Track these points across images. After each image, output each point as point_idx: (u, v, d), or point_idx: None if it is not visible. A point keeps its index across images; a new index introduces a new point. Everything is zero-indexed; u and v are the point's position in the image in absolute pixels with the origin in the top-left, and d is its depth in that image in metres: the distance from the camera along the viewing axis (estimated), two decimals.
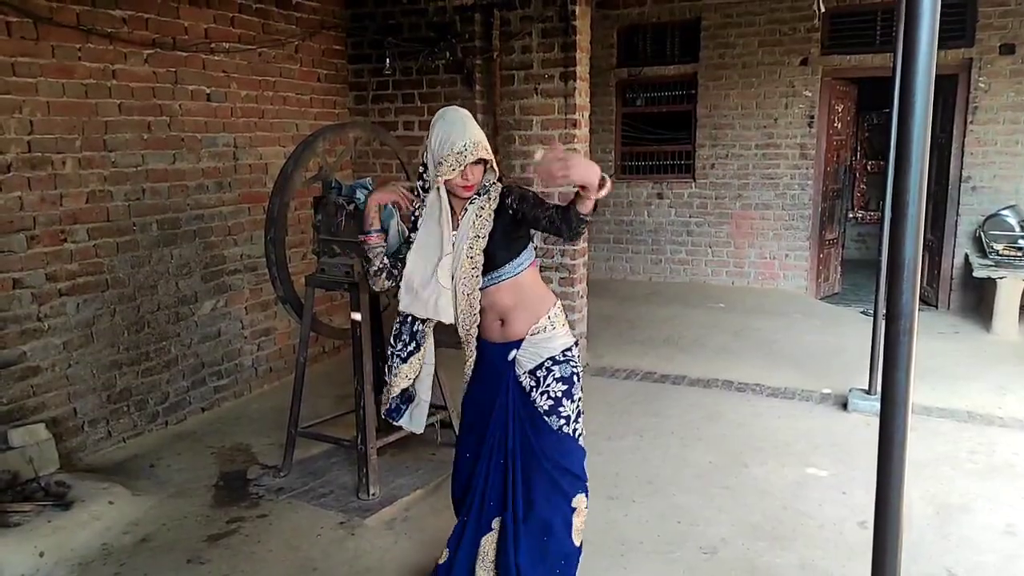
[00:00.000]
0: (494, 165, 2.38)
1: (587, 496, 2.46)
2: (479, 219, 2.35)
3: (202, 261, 4.67)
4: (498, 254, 2.37)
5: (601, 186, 2.02)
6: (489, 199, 2.37)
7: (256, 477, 3.85)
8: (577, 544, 2.46)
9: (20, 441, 3.55)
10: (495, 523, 2.48)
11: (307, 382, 3.91)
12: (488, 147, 2.33)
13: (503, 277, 2.38)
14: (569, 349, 2.45)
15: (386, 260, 2.54)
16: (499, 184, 2.42)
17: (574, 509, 2.43)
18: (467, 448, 2.56)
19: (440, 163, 2.28)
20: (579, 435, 2.46)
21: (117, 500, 3.43)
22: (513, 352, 2.41)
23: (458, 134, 2.27)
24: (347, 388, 4.51)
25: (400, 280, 2.47)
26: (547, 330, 2.42)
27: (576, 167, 1.96)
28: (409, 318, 2.53)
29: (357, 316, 3.58)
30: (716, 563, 3.04)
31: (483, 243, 2.34)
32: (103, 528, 3.26)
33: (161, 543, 3.23)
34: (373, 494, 3.56)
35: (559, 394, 2.40)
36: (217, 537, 3.28)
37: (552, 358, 2.41)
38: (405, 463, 3.93)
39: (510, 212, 2.34)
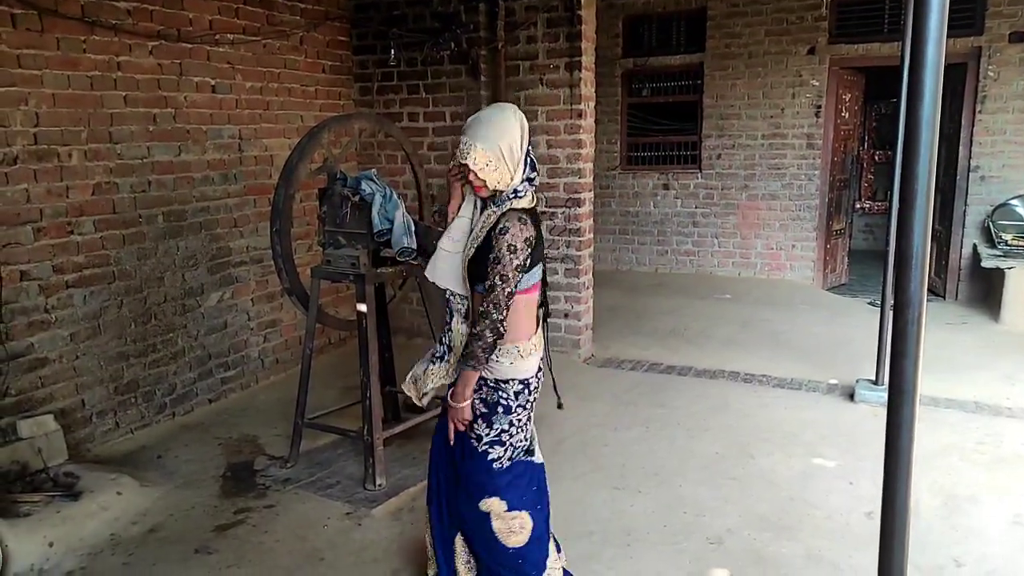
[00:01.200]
0: (491, 186, 2.30)
1: (502, 501, 2.44)
2: (480, 230, 2.34)
3: (208, 253, 4.68)
4: (478, 270, 2.33)
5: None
6: (495, 214, 2.32)
7: (263, 468, 3.86)
8: (510, 545, 2.46)
9: (29, 432, 3.57)
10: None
11: (313, 373, 3.92)
12: (490, 161, 2.24)
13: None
14: (506, 382, 2.38)
15: None
16: (511, 204, 2.31)
17: (486, 513, 2.44)
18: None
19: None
20: (491, 458, 2.43)
21: (125, 491, 3.45)
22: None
23: (473, 130, 2.28)
24: (353, 379, 4.52)
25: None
26: (492, 360, 2.36)
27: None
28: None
29: (363, 307, 3.58)
30: (722, 553, 3.04)
31: (471, 253, 2.34)
32: (111, 518, 3.28)
33: (169, 533, 3.25)
34: (379, 485, 3.57)
35: (477, 413, 2.41)
36: (225, 527, 3.29)
37: (486, 380, 2.39)
38: (411, 454, 3.94)
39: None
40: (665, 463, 3.85)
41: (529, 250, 2.28)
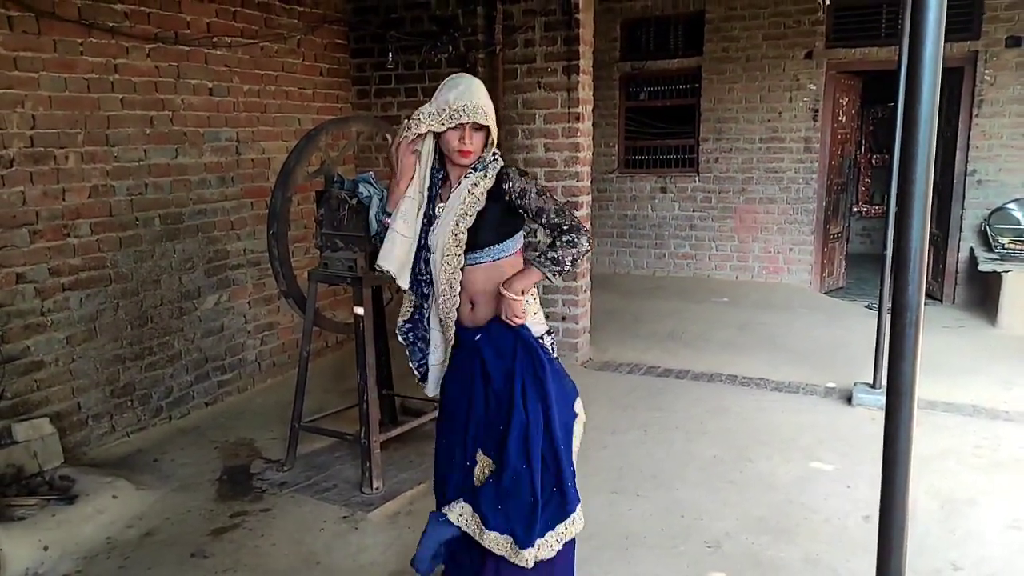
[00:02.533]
0: (494, 137, 2.28)
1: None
2: (471, 196, 2.27)
3: (205, 256, 4.67)
4: (480, 235, 2.29)
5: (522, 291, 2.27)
6: (485, 176, 2.29)
7: (259, 471, 3.85)
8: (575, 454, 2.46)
9: (24, 435, 3.55)
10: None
11: (310, 376, 3.91)
12: (491, 116, 2.24)
13: (480, 259, 2.32)
14: (540, 338, 2.36)
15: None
16: (498, 162, 2.33)
17: (575, 415, 2.43)
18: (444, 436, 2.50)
19: (432, 113, 2.21)
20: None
21: (121, 494, 3.43)
22: (479, 336, 2.35)
23: (460, 94, 2.20)
24: (350, 382, 4.51)
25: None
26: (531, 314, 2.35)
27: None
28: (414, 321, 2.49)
29: (360, 310, 3.57)
30: (720, 557, 3.03)
31: (470, 221, 2.27)
32: (107, 522, 3.27)
33: (165, 537, 3.24)
34: (376, 488, 3.56)
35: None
36: (220, 531, 3.28)
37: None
38: (408, 457, 3.93)
39: (506, 199, 2.28)
40: (663, 466, 3.84)
41: None
